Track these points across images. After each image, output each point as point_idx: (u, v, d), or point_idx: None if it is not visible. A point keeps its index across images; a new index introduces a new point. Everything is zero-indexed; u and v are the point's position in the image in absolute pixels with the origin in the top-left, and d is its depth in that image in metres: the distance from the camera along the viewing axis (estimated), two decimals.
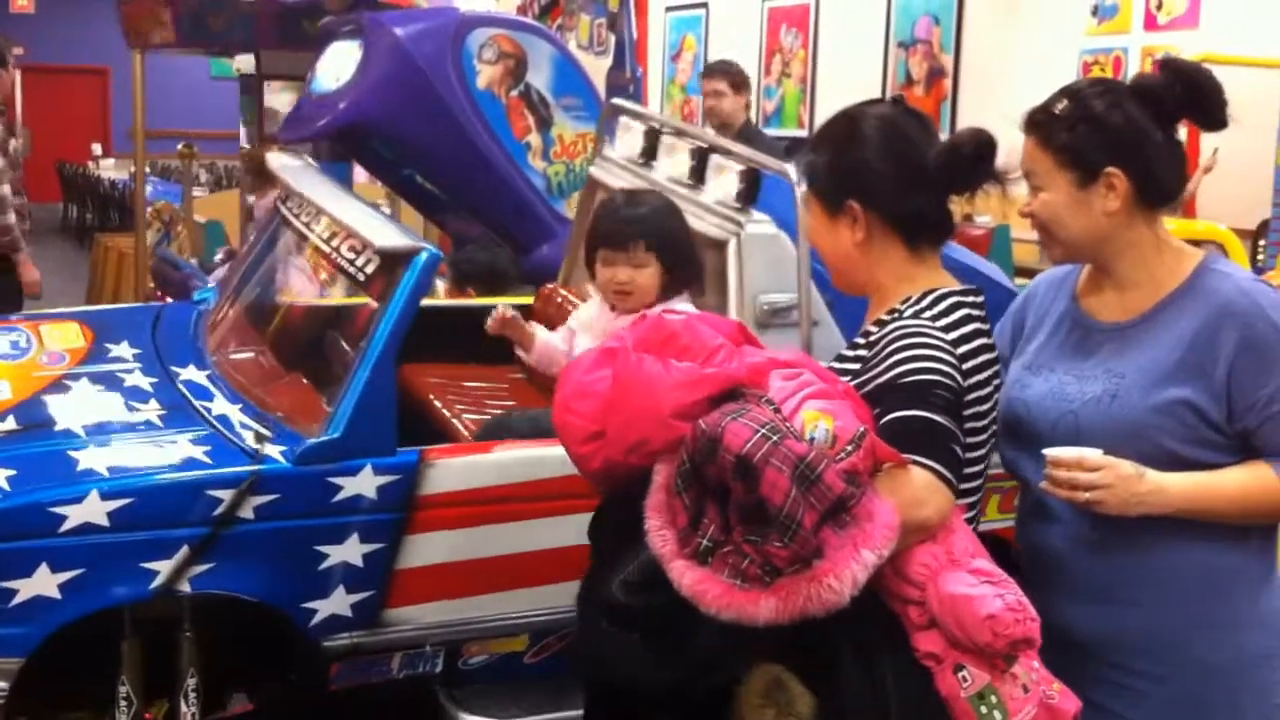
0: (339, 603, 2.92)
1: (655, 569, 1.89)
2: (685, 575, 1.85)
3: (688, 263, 3.02)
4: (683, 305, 2.97)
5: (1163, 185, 2.04)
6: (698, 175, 3.38)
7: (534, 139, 5.12)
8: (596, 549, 2.19)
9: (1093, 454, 1.97)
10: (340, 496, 2.89)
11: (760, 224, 3.24)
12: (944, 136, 2.13)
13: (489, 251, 4.89)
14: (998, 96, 10.10)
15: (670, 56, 14.50)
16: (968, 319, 2.05)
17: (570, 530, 2.13)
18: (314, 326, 3.79)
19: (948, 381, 1.95)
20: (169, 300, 6.52)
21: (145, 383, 3.32)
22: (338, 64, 5.09)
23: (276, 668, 3.13)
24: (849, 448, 1.84)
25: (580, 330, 3.14)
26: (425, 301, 3.16)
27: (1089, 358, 2.09)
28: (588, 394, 2.05)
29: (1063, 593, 2.12)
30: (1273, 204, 8.40)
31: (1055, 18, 10.21)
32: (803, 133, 12.18)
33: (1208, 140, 8.65)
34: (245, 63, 7.49)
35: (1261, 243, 8.55)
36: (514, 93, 5.09)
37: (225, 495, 2.79)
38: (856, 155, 2.08)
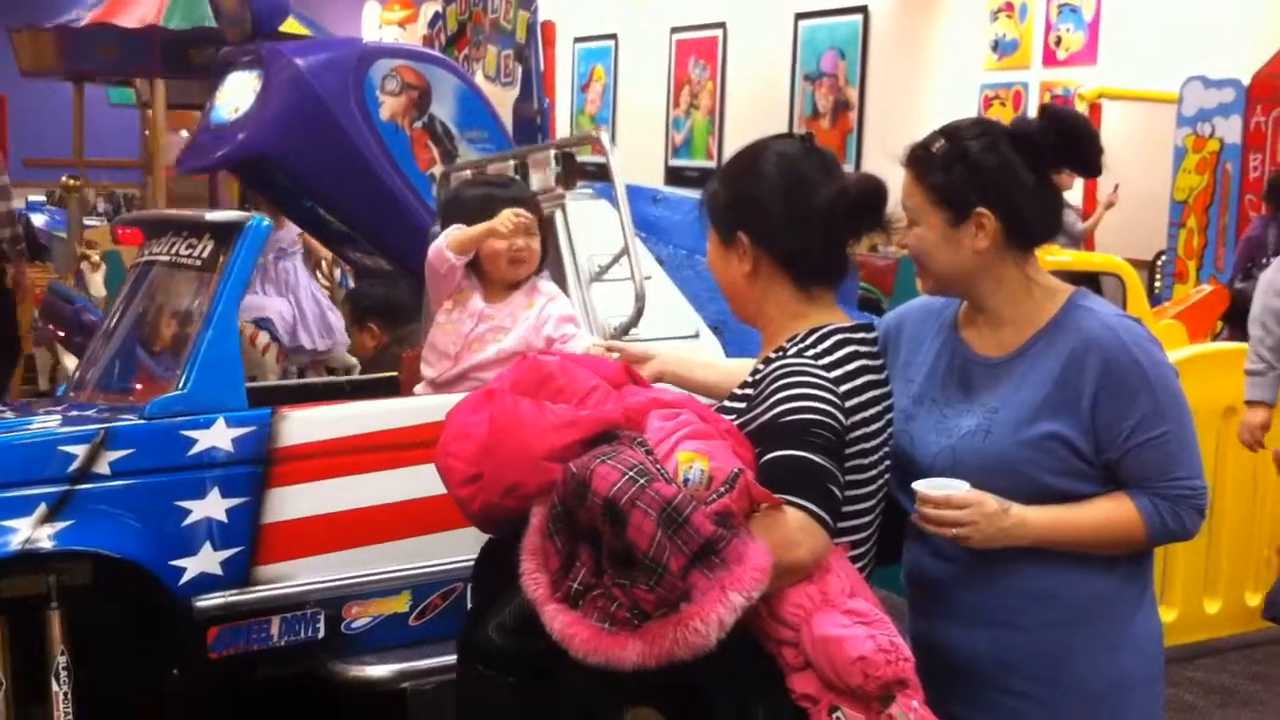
0: (207, 560, 2.96)
1: (530, 613, 1.87)
2: (556, 619, 1.84)
3: (548, 248, 3.27)
4: (543, 280, 3.21)
5: (1031, 228, 2.08)
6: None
7: (438, 171, 5.06)
8: (477, 592, 2.17)
9: (959, 491, 2.00)
10: (195, 450, 2.97)
11: (579, 197, 3.65)
12: (846, 168, 2.14)
13: (386, 285, 4.82)
14: (902, 130, 10.21)
15: (579, 87, 14.53)
16: (853, 356, 2.05)
17: (438, 479, 2.16)
18: (163, 334, 3.79)
19: (828, 421, 1.95)
20: (61, 334, 6.36)
21: (3, 408, 3.44)
22: (236, 94, 4.99)
23: (157, 660, 3.09)
24: (722, 489, 1.83)
25: (455, 304, 3.21)
26: (295, 381, 3.22)
27: (967, 391, 2.13)
28: (466, 436, 2.04)
29: (946, 617, 2.15)
30: (1168, 235, 8.60)
31: (957, 53, 10.40)
32: (711, 164, 12.26)
33: (1108, 175, 8.84)
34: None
35: (1158, 273, 8.76)
36: (418, 124, 5.02)
37: (79, 450, 2.85)
38: (750, 189, 2.08)
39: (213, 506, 2.96)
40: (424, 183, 5.05)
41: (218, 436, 2.99)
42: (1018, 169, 2.04)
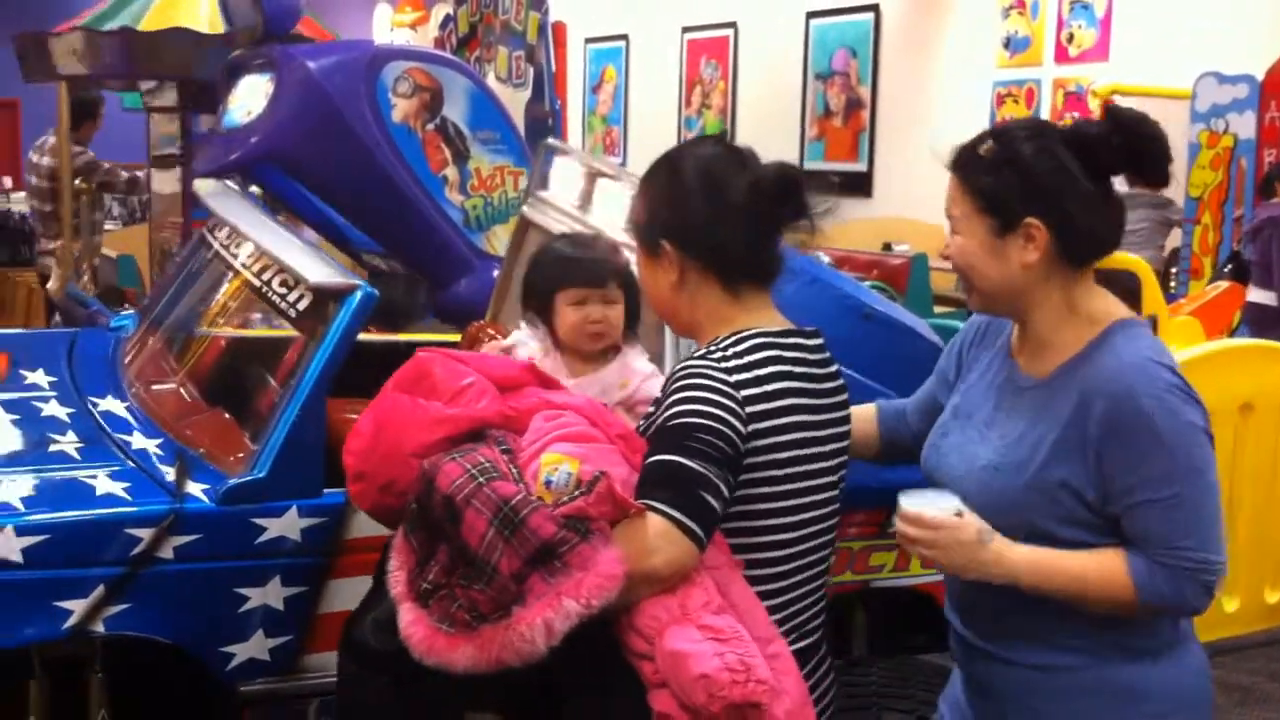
0: (257, 647, 2.83)
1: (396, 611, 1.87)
2: (404, 617, 1.82)
3: (639, 306, 2.86)
4: (637, 356, 2.83)
5: (1085, 242, 1.91)
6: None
7: (451, 172, 5.07)
8: (372, 588, 2.15)
9: (936, 512, 1.88)
10: (263, 538, 2.81)
11: None
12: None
13: (385, 286, 4.81)
14: (914, 128, 10.22)
15: (591, 88, 14.52)
16: (772, 361, 1.96)
17: None
18: (238, 360, 3.69)
19: (715, 426, 1.86)
20: None
21: (62, 413, 3.23)
22: (249, 97, 5.02)
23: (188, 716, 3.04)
24: (578, 492, 1.78)
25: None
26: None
27: (995, 414, 2.01)
28: (359, 433, 2.04)
29: (957, 631, 2.10)
30: (1183, 231, 8.56)
31: (969, 51, 10.37)
32: None
33: None
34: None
35: (1173, 269, 8.72)
36: (430, 126, 5.03)
37: (144, 534, 2.70)
38: (669, 196, 2.03)
39: (271, 594, 2.83)
40: (436, 184, 5.06)
41: (288, 525, 2.83)
42: (1075, 176, 1.87)
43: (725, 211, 1.97)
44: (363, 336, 4.58)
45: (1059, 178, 1.87)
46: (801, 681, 1.89)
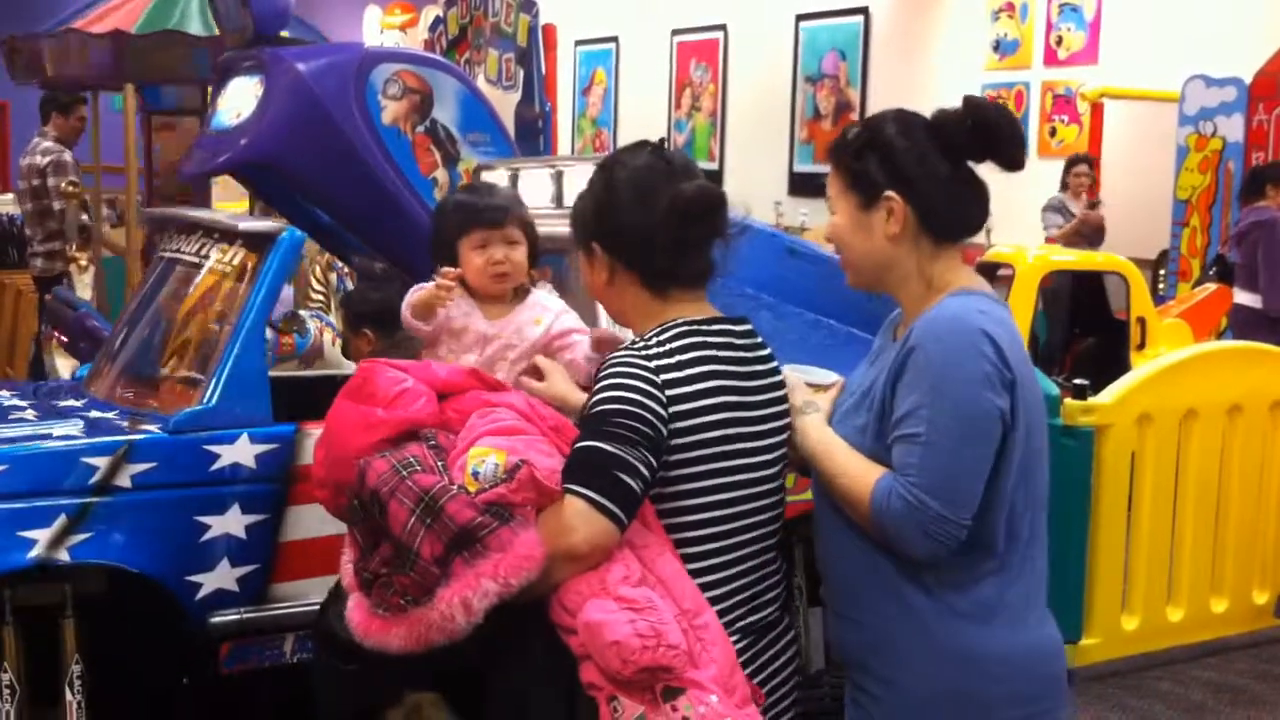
0: (224, 576, 2.94)
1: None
2: (349, 604, 1.97)
3: (538, 247, 2.94)
4: (545, 294, 2.92)
5: (942, 217, 2.05)
6: (557, 196, 3.67)
7: (441, 175, 5.05)
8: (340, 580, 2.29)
9: (791, 373, 2.14)
10: (218, 465, 2.94)
11: None
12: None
13: (380, 290, 4.82)
14: None
15: (581, 90, 14.53)
16: (696, 347, 2.05)
17: None
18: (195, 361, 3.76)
19: (633, 409, 1.96)
20: (64, 339, 6.38)
21: (23, 404, 3.37)
22: (238, 99, 4.99)
23: (168, 667, 3.10)
24: (499, 479, 1.91)
25: (449, 338, 2.84)
26: (321, 371, 3.21)
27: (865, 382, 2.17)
28: (319, 443, 2.19)
29: (831, 603, 2.19)
30: (1171, 234, 8.59)
31: (958, 53, 10.40)
32: (713, 166, 12.26)
33: (1115, 175, 8.83)
34: None
35: (1161, 272, 8.75)
36: (420, 129, 5.01)
37: (101, 463, 2.83)
38: (600, 203, 2.13)
39: (232, 523, 2.94)
40: (426, 186, 5.04)
41: (241, 452, 2.96)
42: (930, 157, 2.03)
43: (649, 222, 2.07)
44: (336, 371, 4.67)
45: (916, 156, 2.03)
46: (731, 650, 1.99)
